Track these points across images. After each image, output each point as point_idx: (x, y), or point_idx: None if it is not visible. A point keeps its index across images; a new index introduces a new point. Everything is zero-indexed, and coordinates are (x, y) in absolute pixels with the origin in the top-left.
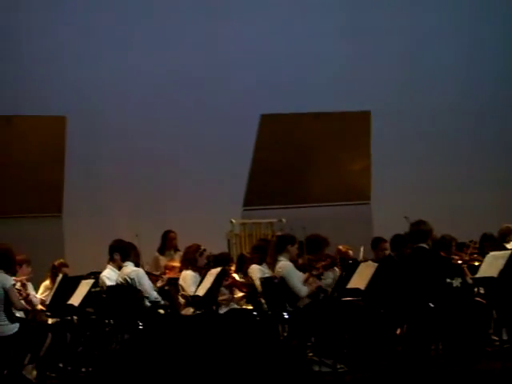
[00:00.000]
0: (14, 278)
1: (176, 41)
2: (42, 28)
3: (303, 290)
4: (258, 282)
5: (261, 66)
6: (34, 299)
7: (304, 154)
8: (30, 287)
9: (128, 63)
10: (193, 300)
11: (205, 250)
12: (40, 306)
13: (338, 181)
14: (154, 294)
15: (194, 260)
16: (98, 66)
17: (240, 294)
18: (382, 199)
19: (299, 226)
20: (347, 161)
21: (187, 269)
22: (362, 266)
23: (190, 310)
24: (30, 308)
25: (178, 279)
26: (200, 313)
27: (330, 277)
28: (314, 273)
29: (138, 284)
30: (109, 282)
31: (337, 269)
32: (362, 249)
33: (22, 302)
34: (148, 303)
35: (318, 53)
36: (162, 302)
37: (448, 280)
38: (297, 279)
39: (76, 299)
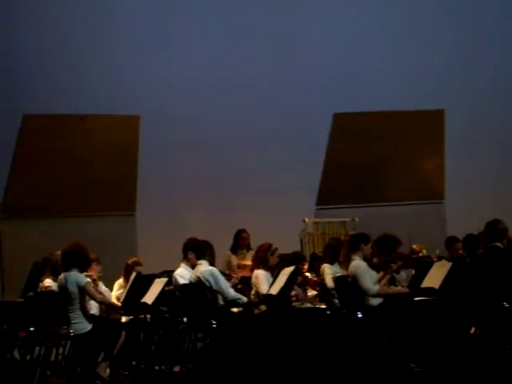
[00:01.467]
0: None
1: (250, 41)
2: (116, 33)
3: (372, 290)
4: (329, 282)
5: (334, 65)
6: (106, 294)
7: (377, 153)
8: (101, 284)
9: (201, 63)
10: (266, 298)
11: (276, 249)
12: (116, 302)
13: (411, 180)
14: (232, 293)
15: (266, 259)
16: (172, 66)
17: (313, 293)
18: (457, 198)
19: (372, 225)
20: (421, 160)
21: (258, 268)
22: (436, 266)
23: (262, 309)
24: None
25: (250, 278)
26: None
27: (404, 276)
28: (389, 272)
29: (214, 284)
30: (182, 281)
31: (411, 268)
32: (437, 252)
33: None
34: (222, 302)
35: (391, 51)
36: (244, 299)
37: None
38: (369, 278)
39: (149, 298)
